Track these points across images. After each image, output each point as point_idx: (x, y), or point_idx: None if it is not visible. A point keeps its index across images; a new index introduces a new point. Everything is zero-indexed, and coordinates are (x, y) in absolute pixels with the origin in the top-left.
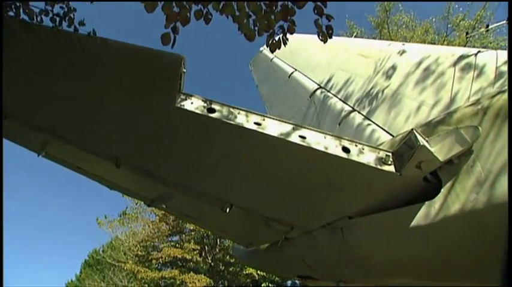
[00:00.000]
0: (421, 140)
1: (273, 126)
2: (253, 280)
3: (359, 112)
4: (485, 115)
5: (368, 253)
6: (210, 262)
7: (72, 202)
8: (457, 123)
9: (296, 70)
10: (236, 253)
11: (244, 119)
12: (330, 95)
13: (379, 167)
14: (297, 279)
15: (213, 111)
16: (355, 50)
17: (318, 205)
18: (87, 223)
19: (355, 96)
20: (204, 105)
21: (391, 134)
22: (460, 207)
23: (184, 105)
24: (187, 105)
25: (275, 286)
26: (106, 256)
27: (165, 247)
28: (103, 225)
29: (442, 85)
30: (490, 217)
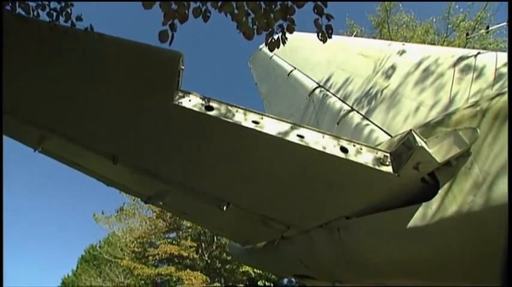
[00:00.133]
0: (419, 141)
1: (271, 125)
2: (250, 278)
3: (358, 112)
4: (484, 117)
5: (364, 253)
6: (206, 259)
7: (69, 197)
8: (455, 124)
9: (295, 68)
10: (233, 251)
11: (242, 118)
12: (329, 94)
13: (377, 167)
14: (294, 278)
15: (211, 109)
16: (355, 49)
17: (315, 204)
18: (84, 218)
19: (354, 96)
20: (202, 103)
21: (389, 134)
22: (457, 209)
23: (182, 103)
24: (185, 103)
25: (271, 284)
26: (103, 251)
27: (161, 243)
28: (100, 221)
29: (441, 86)
30: (486, 219)
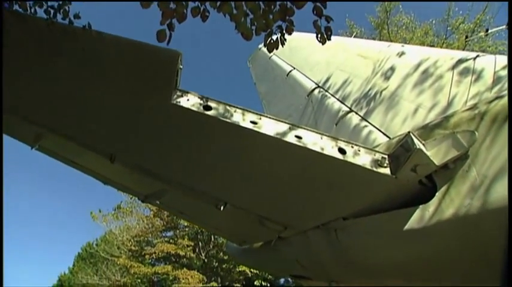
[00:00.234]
0: (417, 143)
1: (269, 126)
2: (246, 278)
3: (356, 113)
4: (482, 120)
5: (361, 254)
6: (203, 258)
7: (66, 195)
8: (453, 127)
9: (294, 68)
10: (230, 251)
11: (241, 118)
12: (327, 95)
13: (374, 169)
14: (290, 278)
15: (209, 108)
16: (354, 50)
17: (312, 205)
18: (81, 216)
19: (353, 97)
20: (200, 102)
21: (387, 136)
22: (454, 212)
23: (180, 102)
24: (183, 102)
25: (268, 284)
26: (99, 249)
27: (158, 242)
28: (97, 219)
29: (440, 88)
30: (483, 222)
